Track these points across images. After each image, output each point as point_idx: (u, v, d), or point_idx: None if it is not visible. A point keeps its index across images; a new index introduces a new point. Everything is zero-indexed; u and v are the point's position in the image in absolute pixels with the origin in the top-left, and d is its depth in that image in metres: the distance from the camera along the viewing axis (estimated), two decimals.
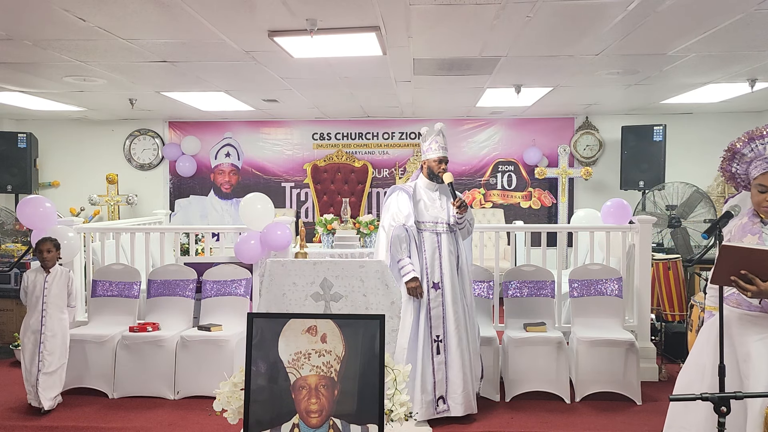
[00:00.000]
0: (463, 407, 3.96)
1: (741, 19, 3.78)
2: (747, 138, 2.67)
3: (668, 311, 5.63)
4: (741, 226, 2.61)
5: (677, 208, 6.57)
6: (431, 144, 4.21)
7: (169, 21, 3.79)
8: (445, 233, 4.12)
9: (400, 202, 4.13)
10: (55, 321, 4.33)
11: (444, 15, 3.71)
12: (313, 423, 2.13)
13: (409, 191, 4.17)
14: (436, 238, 4.08)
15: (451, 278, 4.05)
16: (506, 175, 8.55)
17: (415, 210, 4.11)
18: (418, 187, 4.23)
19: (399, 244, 4.01)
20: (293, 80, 5.72)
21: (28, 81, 5.69)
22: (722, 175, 2.83)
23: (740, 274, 2.29)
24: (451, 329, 3.98)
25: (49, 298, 4.32)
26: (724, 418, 2.00)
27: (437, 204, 4.16)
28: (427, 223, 4.12)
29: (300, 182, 8.70)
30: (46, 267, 4.37)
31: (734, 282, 2.31)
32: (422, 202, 4.16)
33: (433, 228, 4.11)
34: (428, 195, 4.19)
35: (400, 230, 4.03)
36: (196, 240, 7.22)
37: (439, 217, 4.12)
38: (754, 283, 2.27)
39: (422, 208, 4.14)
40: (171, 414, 4.25)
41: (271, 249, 5.00)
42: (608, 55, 4.73)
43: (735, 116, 8.15)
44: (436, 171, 4.16)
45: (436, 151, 4.18)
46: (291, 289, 3.69)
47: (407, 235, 4.05)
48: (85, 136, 8.80)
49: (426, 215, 4.13)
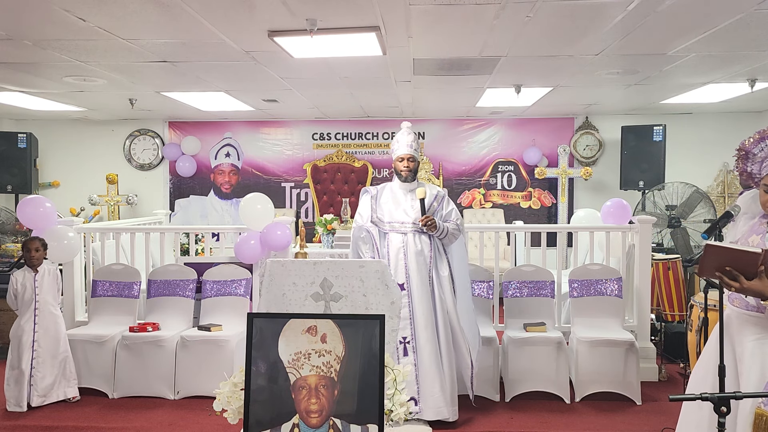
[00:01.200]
0: (434, 412, 3.86)
1: (741, 19, 3.78)
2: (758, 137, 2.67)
3: (668, 311, 5.63)
4: (750, 227, 2.61)
5: (677, 208, 6.57)
6: (396, 143, 4.21)
7: (169, 21, 3.79)
8: (413, 233, 4.07)
9: (362, 205, 4.23)
10: (48, 318, 4.38)
11: (444, 15, 3.71)
12: (313, 423, 2.13)
13: (372, 192, 4.23)
14: (401, 239, 4.06)
15: (419, 279, 3.99)
16: (506, 175, 8.55)
17: (381, 210, 4.14)
18: (389, 188, 4.25)
19: (357, 244, 4.15)
20: (293, 80, 5.72)
21: (28, 81, 5.69)
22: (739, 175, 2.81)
23: (725, 270, 2.30)
24: (420, 331, 3.92)
25: (41, 296, 4.37)
26: (724, 418, 2.00)
27: (407, 205, 4.14)
28: (393, 223, 4.12)
29: (300, 182, 8.70)
30: (34, 266, 4.40)
31: (719, 277, 2.32)
32: (389, 202, 4.18)
33: (399, 228, 4.09)
34: (398, 195, 4.19)
35: (359, 231, 4.15)
36: (196, 240, 7.21)
37: (406, 218, 4.10)
38: (738, 280, 2.27)
39: (390, 208, 4.15)
40: (171, 414, 4.25)
41: (271, 249, 5.00)
42: (608, 55, 4.73)
43: (735, 116, 8.16)
44: (399, 169, 4.16)
45: (397, 150, 4.18)
46: (291, 289, 3.69)
47: (367, 236, 4.12)
48: (85, 136, 8.80)
49: (393, 215, 4.13)
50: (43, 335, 4.35)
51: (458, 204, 8.52)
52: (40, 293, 4.37)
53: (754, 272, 2.26)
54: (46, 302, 4.39)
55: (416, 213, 4.07)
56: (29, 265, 4.39)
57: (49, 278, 4.44)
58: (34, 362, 4.30)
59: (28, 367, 4.29)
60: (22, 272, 4.39)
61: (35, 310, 4.35)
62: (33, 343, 4.31)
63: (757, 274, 2.25)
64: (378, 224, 4.13)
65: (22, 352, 4.29)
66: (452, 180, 8.54)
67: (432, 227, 4.00)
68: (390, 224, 4.12)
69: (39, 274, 4.40)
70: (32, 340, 4.31)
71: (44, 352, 4.34)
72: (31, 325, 4.32)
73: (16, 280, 4.37)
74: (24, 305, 4.36)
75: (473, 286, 4.80)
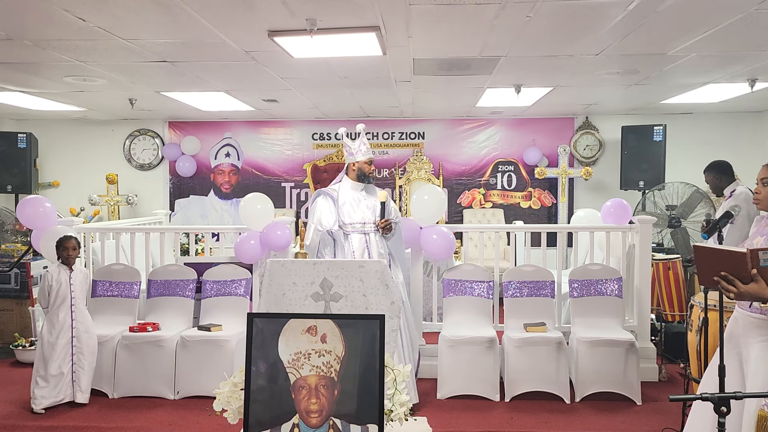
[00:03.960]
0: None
1: (741, 19, 3.78)
2: None
3: (668, 311, 5.62)
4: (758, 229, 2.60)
5: (677, 208, 6.57)
6: (360, 146, 4.35)
7: (169, 21, 3.79)
8: (374, 233, 4.24)
9: (324, 208, 4.29)
10: (86, 317, 4.40)
11: (444, 15, 3.71)
12: (313, 423, 2.13)
13: (333, 195, 4.32)
14: (365, 239, 4.20)
15: None
16: (506, 175, 8.55)
17: (341, 213, 4.22)
18: (342, 189, 4.35)
19: (322, 247, 4.24)
20: (293, 80, 5.72)
21: (28, 81, 5.69)
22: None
23: (721, 275, 2.27)
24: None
25: (76, 294, 4.36)
26: (724, 418, 1.99)
27: (363, 205, 4.27)
28: (355, 225, 4.25)
29: (300, 182, 8.70)
30: (70, 264, 4.37)
31: (717, 283, 2.30)
32: (348, 204, 4.29)
33: (361, 229, 4.23)
34: (354, 196, 4.32)
35: (323, 235, 4.24)
36: (196, 240, 7.22)
37: (367, 218, 4.24)
38: (735, 285, 2.25)
39: (349, 210, 4.26)
40: (171, 414, 4.25)
41: (271, 249, 5.00)
42: (608, 55, 4.73)
43: (735, 116, 8.15)
44: (367, 172, 4.32)
45: (365, 153, 4.33)
46: (291, 289, 3.69)
47: (329, 239, 4.22)
48: (85, 136, 8.80)
49: (354, 217, 4.26)
50: (83, 333, 4.34)
51: (458, 204, 8.54)
52: (76, 291, 4.35)
53: (747, 275, 2.23)
54: (81, 300, 4.39)
55: (376, 214, 4.23)
56: (65, 263, 4.36)
57: (81, 277, 4.43)
58: (75, 358, 4.29)
59: (69, 366, 4.27)
60: (56, 269, 4.34)
61: (71, 307, 4.32)
62: (72, 340, 4.29)
63: (752, 277, 2.23)
64: (341, 226, 4.24)
65: (60, 351, 4.25)
66: (452, 180, 8.54)
67: (388, 230, 4.21)
68: (352, 225, 4.24)
69: (74, 273, 4.37)
70: (71, 336, 4.29)
71: (84, 348, 4.34)
72: (69, 322, 4.29)
73: (51, 276, 4.30)
74: (57, 302, 4.30)
75: (473, 286, 4.81)
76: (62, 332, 4.29)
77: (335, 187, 4.39)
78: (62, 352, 4.27)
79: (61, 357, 4.26)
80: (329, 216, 4.27)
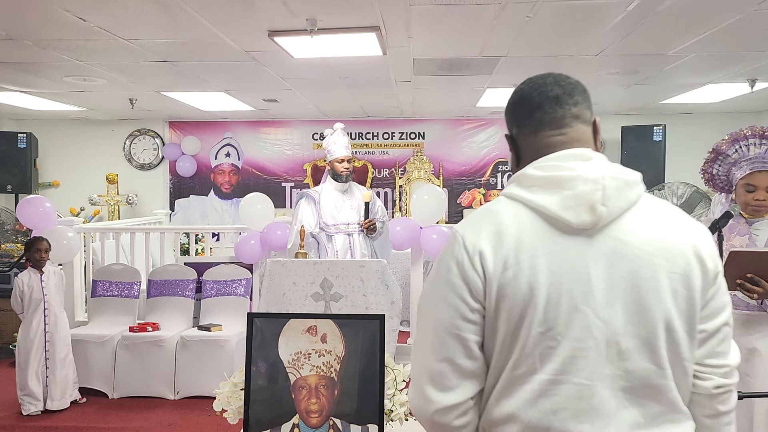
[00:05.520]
0: None
1: (741, 19, 3.78)
2: (731, 139, 2.68)
3: None
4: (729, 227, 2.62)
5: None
6: (333, 144, 4.29)
7: (169, 21, 3.78)
8: (358, 233, 4.19)
9: (306, 211, 4.27)
10: (59, 319, 4.33)
11: (444, 15, 3.71)
12: (313, 423, 2.13)
13: (315, 197, 4.29)
14: (348, 240, 4.15)
15: None
16: (506, 175, 8.55)
17: (323, 214, 4.19)
18: (325, 190, 4.31)
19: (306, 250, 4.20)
20: (293, 80, 5.72)
21: (28, 81, 5.69)
22: (702, 176, 2.84)
23: (746, 277, 2.30)
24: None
25: (49, 297, 4.29)
26: None
27: (347, 205, 4.21)
28: (339, 225, 4.21)
29: (300, 182, 8.69)
30: (40, 267, 4.29)
31: (740, 285, 2.32)
32: (331, 204, 4.24)
33: (344, 230, 4.20)
34: (336, 197, 4.27)
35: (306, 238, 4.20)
36: (196, 240, 7.22)
37: (351, 219, 4.19)
38: (761, 285, 2.28)
39: (332, 210, 4.21)
40: (171, 414, 4.25)
41: (271, 249, 5.00)
42: (608, 55, 4.73)
43: (735, 116, 8.15)
44: (339, 171, 4.26)
45: (339, 152, 4.27)
46: (291, 289, 3.70)
47: (313, 242, 4.21)
48: (85, 136, 8.79)
49: (337, 218, 4.21)
50: (54, 336, 4.28)
51: (458, 204, 8.53)
52: (48, 294, 4.28)
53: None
54: (54, 303, 4.30)
55: (360, 214, 4.20)
56: (35, 266, 4.27)
57: (55, 279, 4.35)
58: (48, 363, 4.24)
59: (42, 371, 4.22)
60: (27, 273, 4.25)
61: (44, 311, 4.25)
62: (45, 344, 4.24)
63: None
64: (324, 228, 4.20)
65: (34, 355, 4.21)
66: (452, 180, 8.54)
67: (372, 230, 4.17)
68: (335, 226, 4.21)
69: (45, 275, 4.29)
70: (44, 341, 4.24)
71: (56, 353, 4.28)
72: (42, 326, 4.23)
73: (22, 282, 4.21)
74: (31, 307, 4.23)
75: None
76: (36, 339, 4.22)
77: (318, 188, 4.36)
78: (35, 360, 4.21)
79: (35, 365, 4.20)
80: (310, 219, 4.24)
